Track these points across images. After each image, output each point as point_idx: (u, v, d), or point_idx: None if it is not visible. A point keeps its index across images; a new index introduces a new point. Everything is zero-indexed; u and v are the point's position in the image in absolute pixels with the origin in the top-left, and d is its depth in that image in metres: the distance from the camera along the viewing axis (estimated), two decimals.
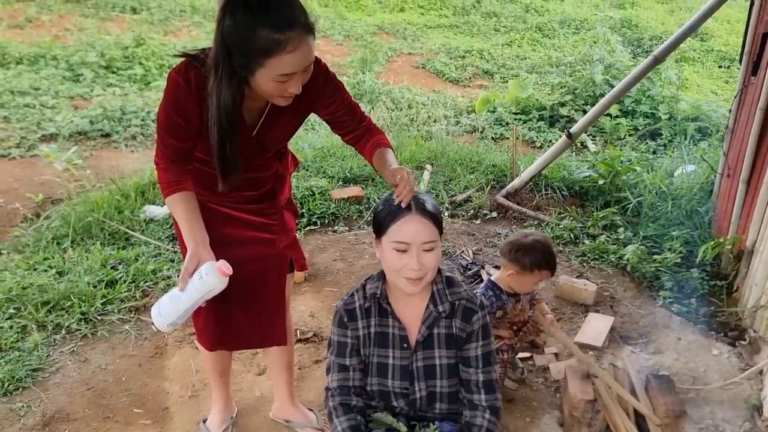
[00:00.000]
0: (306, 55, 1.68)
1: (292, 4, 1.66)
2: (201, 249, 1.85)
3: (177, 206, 1.88)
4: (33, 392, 2.76)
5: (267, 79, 1.68)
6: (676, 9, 13.05)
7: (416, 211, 1.66)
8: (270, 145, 2.03)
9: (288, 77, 1.69)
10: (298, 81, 1.72)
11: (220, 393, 2.51)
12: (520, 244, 2.45)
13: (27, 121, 5.83)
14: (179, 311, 1.80)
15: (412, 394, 1.79)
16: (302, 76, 1.73)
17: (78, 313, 3.20)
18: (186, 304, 1.79)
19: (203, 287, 1.77)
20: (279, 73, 1.67)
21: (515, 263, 2.45)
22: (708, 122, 6.31)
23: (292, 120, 2.02)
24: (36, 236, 3.92)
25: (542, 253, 2.43)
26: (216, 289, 1.78)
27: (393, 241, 1.66)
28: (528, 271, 2.44)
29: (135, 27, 9.16)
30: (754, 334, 3.01)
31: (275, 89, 1.72)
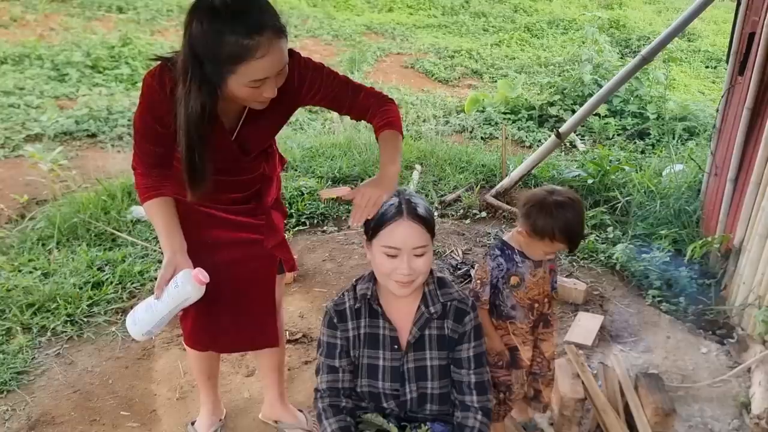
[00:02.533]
0: (277, 60, 1.64)
1: (260, 8, 1.61)
2: (178, 256, 1.81)
3: (154, 212, 1.85)
4: (18, 395, 2.72)
5: (239, 85, 1.65)
6: (663, 9, 13.14)
7: (408, 215, 1.63)
8: (253, 147, 1.99)
9: (261, 82, 1.65)
10: (271, 85, 1.68)
11: (208, 395, 2.49)
12: (539, 201, 1.98)
13: (11, 121, 5.76)
14: (154, 320, 1.76)
15: (402, 396, 1.78)
16: (276, 80, 1.69)
17: (64, 315, 3.16)
18: (161, 312, 1.75)
19: (178, 296, 1.73)
20: (251, 79, 1.63)
21: (526, 221, 2.01)
22: (695, 122, 6.35)
23: (274, 120, 1.99)
24: (21, 237, 3.87)
25: (563, 222, 1.94)
26: (191, 298, 1.74)
27: (383, 246, 1.64)
28: (538, 236, 1.99)
29: (121, 26, 9.08)
30: (742, 332, 3.02)
31: (249, 95, 1.68)
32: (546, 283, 2.18)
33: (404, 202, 1.65)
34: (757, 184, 3.10)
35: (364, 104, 1.95)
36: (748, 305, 3.03)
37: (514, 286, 2.11)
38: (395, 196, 1.67)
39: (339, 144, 5.47)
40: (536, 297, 2.15)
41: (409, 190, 1.76)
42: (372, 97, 1.96)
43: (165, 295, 1.75)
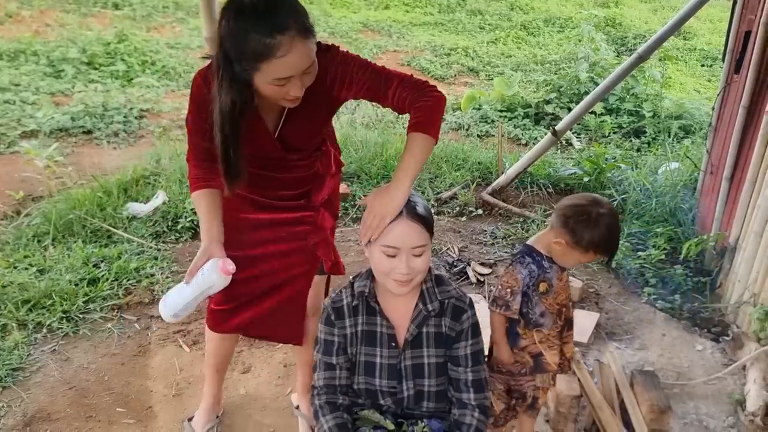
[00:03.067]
0: (300, 59, 1.65)
1: (287, 7, 1.63)
2: (213, 246, 1.89)
3: (199, 202, 1.94)
4: (13, 392, 2.71)
5: (264, 83, 1.68)
6: (659, 8, 13.16)
7: (407, 215, 1.63)
8: (296, 144, 2.00)
9: (285, 81, 1.67)
10: (297, 84, 1.69)
11: (211, 389, 2.50)
12: (585, 213, 1.93)
13: (7, 117, 5.72)
14: (182, 303, 1.85)
15: (399, 393, 1.78)
16: (303, 79, 1.70)
17: (59, 312, 3.15)
18: (188, 297, 1.84)
19: (204, 283, 1.82)
20: (274, 77, 1.65)
21: (570, 233, 1.94)
22: (691, 120, 6.37)
23: (315, 118, 1.98)
24: (16, 234, 3.85)
25: (608, 235, 1.93)
26: (216, 286, 1.83)
27: (382, 245, 1.63)
28: (581, 248, 1.94)
29: (117, 23, 9.04)
30: (737, 330, 3.03)
31: (275, 93, 1.71)
32: (569, 286, 2.15)
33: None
34: (752, 182, 3.11)
35: (400, 97, 1.83)
36: (743, 303, 3.04)
37: (543, 292, 2.04)
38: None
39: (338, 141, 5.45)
40: (563, 301, 2.09)
41: None
42: (407, 88, 1.82)
43: (194, 280, 1.84)
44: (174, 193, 4.22)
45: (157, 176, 4.54)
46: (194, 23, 9.59)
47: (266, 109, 1.89)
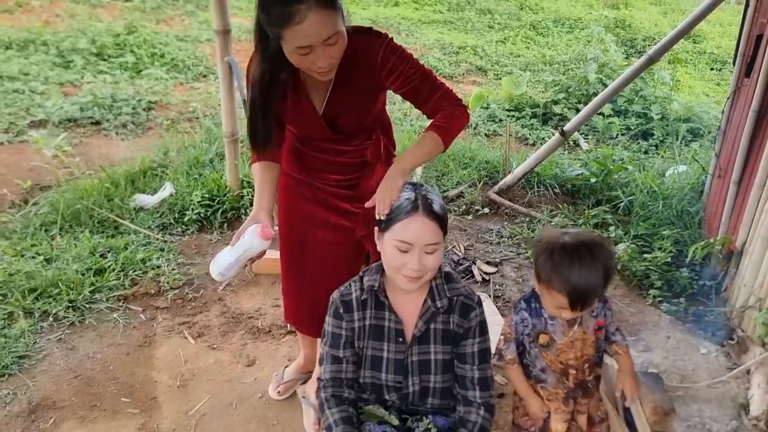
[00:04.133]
0: (319, 28, 1.69)
1: None
2: (261, 214, 1.96)
3: (256, 174, 2.04)
4: (19, 379, 2.73)
5: (289, 51, 1.75)
6: (669, 11, 13.10)
7: (423, 211, 1.63)
8: (343, 126, 2.05)
9: (308, 50, 1.72)
10: (320, 54, 1.74)
11: (302, 349, 2.71)
12: (548, 242, 1.73)
13: (16, 106, 5.74)
14: (225, 264, 1.94)
15: (405, 388, 1.79)
16: (327, 50, 1.74)
17: (65, 301, 3.17)
18: (230, 257, 1.93)
19: (244, 245, 1.91)
20: (295, 45, 1.71)
21: (534, 265, 1.79)
22: (700, 123, 6.34)
23: (360, 100, 2.02)
24: (24, 223, 3.87)
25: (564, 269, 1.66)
26: (254, 248, 1.91)
27: (396, 240, 1.64)
28: (543, 284, 1.75)
29: (127, 14, 9.04)
30: (742, 334, 3.03)
31: (302, 63, 1.78)
32: (587, 345, 1.85)
33: (420, 197, 1.65)
34: (761, 186, 3.10)
35: (438, 105, 1.95)
36: (748, 307, 3.03)
37: (543, 345, 1.85)
38: (412, 191, 1.67)
39: None
40: (571, 362, 1.85)
41: (426, 186, 1.75)
42: (447, 99, 1.95)
43: (238, 243, 1.92)
44: (181, 185, 4.23)
45: (164, 168, 4.55)
46: (204, 16, 9.59)
47: (312, 87, 1.97)
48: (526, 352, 1.91)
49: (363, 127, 2.10)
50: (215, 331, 3.11)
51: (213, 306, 3.30)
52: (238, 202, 4.11)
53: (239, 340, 3.05)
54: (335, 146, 2.10)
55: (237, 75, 3.78)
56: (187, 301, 3.32)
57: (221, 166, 4.38)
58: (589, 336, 1.86)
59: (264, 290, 3.45)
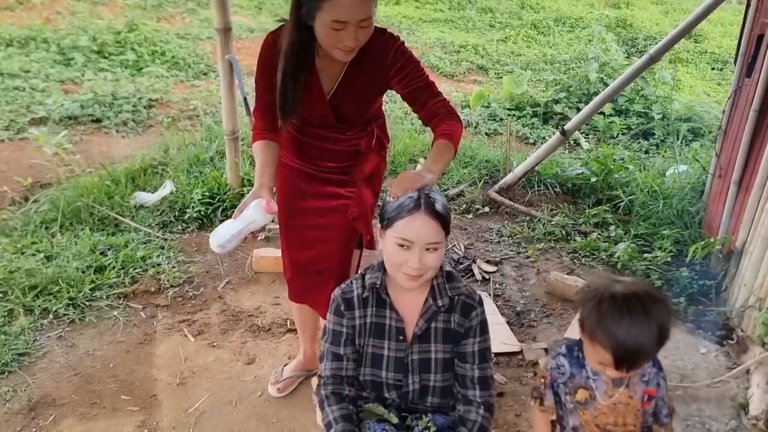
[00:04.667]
0: (360, 7, 1.78)
1: None
2: (262, 190, 2.00)
3: (258, 151, 2.10)
4: (19, 376, 2.73)
5: (323, 24, 1.81)
6: (670, 10, 13.09)
7: (425, 210, 1.63)
8: (346, 115, 2.14)
9: (341, 25, 1.79)
10: (351, 33, 1.81)
11: (301, 346, 2.75)
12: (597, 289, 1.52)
13: (16, 103, 5.74)
14: (227, 236, 1.98)
15: (404, 387, 1.79)
16: (358, 32, 1.83)
17: (66, 298, 3.17)
18: (233, 230, 1.97)
19: (247, 218, 1.95)
20: (332, 18, 1.78)
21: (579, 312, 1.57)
22: (700, 123, 6.34)
23: (367, 91, 2.12)
24: (24, 220, 3.87)
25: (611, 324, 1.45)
26: (257, 222, 1.95)
27: (397, 237, 1.64)
28: (587, 335, 1.54)
29: (128, 12, 9.04)
30: (742, 334, 3.03)
31: (330, 37, 1.84)
32: (631, 413, 1.62)
33: (423, 196, 1.65)
34: (761, 186, 3.10)
35: (434, 111, 2.05)
36: (748, 307, 3.03)
37: (580, 402, 1.63)
38: (415, 190, 1.67)
39: None
40: (609, 427, 1.63)
41: (430, 186, 1.75)
42: (444, 107, 2.06)
43: (240, 216, 1.96)
44: (181, 183, 4.23)
45: (165, 166, 4.55)
46: (205, 14, 9.59)
47: (325, 72, 2.05)
48: (559, 404, 1.71)
49: (363, 118, 2.21)
50: (215, 329, 3.11)
51: (213, 304, 3.30)
52: (238, 200, 4.11)
53: (239, 338, 3.05)
54: (333, 135, 2.19)
55: (238, 73, 3.78)
56: (187, 299, 3.32)
57: (222, 164, 4.38)
58: (635, 403, 1.64)
59: (264, 288, 3.46)
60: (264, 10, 10.49)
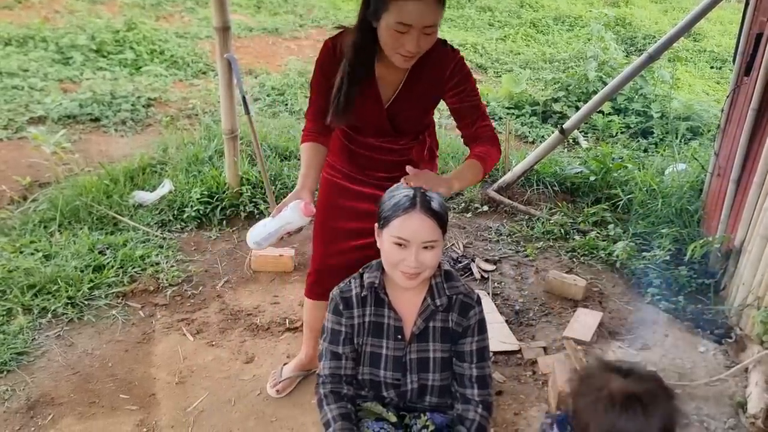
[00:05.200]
0: (427, 12, 1.77)
1: None
2: (303, 191, 2.01)
3: (305, 152, 2.12)
4: (18, 375, 2.73)
5: (387, 25, 1.81)
6: (669, 9, 13.08)
7: (421, 208, 1.63)
8: (401, 125, 2.16)
9: (406, 29, 1.79)
10: (414, 39, 1.81)
11: (304, 346, 2.75)
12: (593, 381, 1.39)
13: (15, 102, 5.73)
14: (264, 233, 1.99)
15: (403, 386, 1.79)
16: (421, 38, 1.82)
17: (64, 298, 3.17)
18: (270, 228, 1.98)
19: (285, 218, 1.96)
20: (398, 20, 1.78)
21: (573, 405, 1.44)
22: (699, 121, 6.33)
23: (423, 102, 2.15)
24: (23, 219, 3.87)
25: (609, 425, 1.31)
26: (294, 223, 1.96)
27: (393, 236, 1.64)
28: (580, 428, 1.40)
29: (126, 11, 9.02)
30: (741, 332, 3.03)
31: (392, 40, 1.84)
32: None
33: (419, 194, 1.65)
34: (759, 185, 3.10)
35: (478, 133, 2.09)
36: (747, 306, 3.04)
37: None
38: (411, 189, 1.67)
39: None
40: None
41: None
42: (488, 132, 2.09)
43: (278, 215, 1.97)
44: (180, 182, 4.23)
45: (163, 165, 4.55)
46: (203, 13, 9.57)
47: (384, 81, 2.06)
48: None
49: (416, 128, 2.23)
50: (214, 328, 3.11)
51: (212, 303, 3.30)
52: (237, 200, 4.11)
53: (238, 337, 3.05)
54: (384, 144, 2.20)
55: (236, 72, 3.78)
56: (186, 298, 3.32)
57: (220, 164, 4.38)
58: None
59: (263, 287, 3.45)
60: (263, 8, 10.47)
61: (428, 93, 2.11)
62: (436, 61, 2.02)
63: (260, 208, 4.10)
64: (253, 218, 4.09)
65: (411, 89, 2.07)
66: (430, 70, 2.02)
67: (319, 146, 2.13)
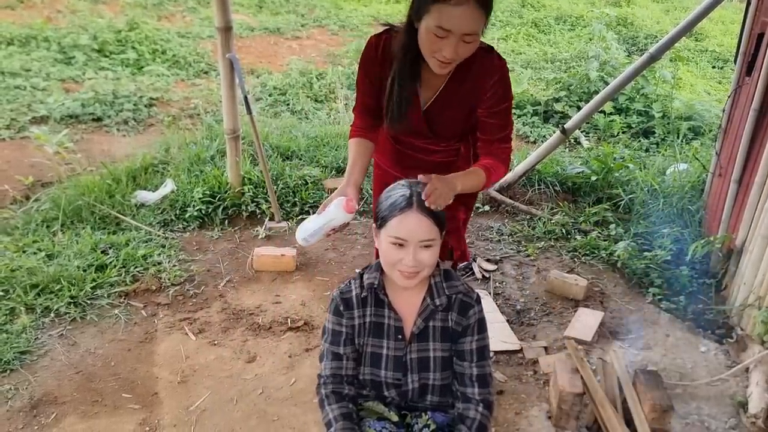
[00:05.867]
0: (468, 19, 1.75)
1: None
2: (348, 188, 2.03)
3: (352, 147, 2.16)
4: (21, 375, 2.74)
5: (427, 28, 1.79)
6: (671, 8, 13.07)
7: (417, 207, 1.63)
8: (438, 128, 2.17)
9: (445, 34, 1.77)
10: (452, 45, 1.79)
11: None
12: None
13: (17, 102, 5.76)
14: (310, 230, 2.01)
15: (404, 386, 1.80)
16: (459, 45, 1.80)
17: (67, 297, 3.18)
18: (315, 225, 2.00)
19: (328, 215, 1.98)
20: (437, 24, 1.76)
21: None
22: (701, 122, 6.33)
23: (461, 109, 2.12)
24: (25, 219, 3.88)
25: None
26: (337, 219, 1.98)
27: (390, 236, 1.64)
28: None
29: (128, 11, 9.04)
30: (742, 332, 3.04)
31: (430, 43, 1.82)
32: None
33: (415, 194, 1.65)
34: (761, 185, 3.11)
35: (494, 152, 2.10)
36: (748, 306, 3.04)
37: None
38: (407, 188, 1.68)
39: (344, 134, 5.46)
40: None
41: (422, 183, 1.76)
42: (504, 154, 2.11)
43: (323, 212, 1.99)
44: (182, 182, 4.24)
45: (165, 165, 4.56)
46: (205, 13, 9.59)
47: (426, 83, 2.06)
48: None
49: (456, 133, 2.22)
50: (216, 327, 3.12)
51: (214, 302, 3.31)
52: (239, 199, 4.12)
53: (240, 336, 3.06)
54: (428, 146, 2.23)
55: (238, 72, 3.79)
56: (188, 297, 3.33)
57: (222, 163, 4.39)
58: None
59: (265, 287, 3.46)
60: (265, 8, 10.48)
61: (467, 99, 2.08)
62: (480, 68, 2.00)
63: (262, 207, 4.11)
64: (254, 218, 4.10)
65: (450, 94, 2.06)
66: (472, 77, 2.01)
67: (366, 142, 2.16)
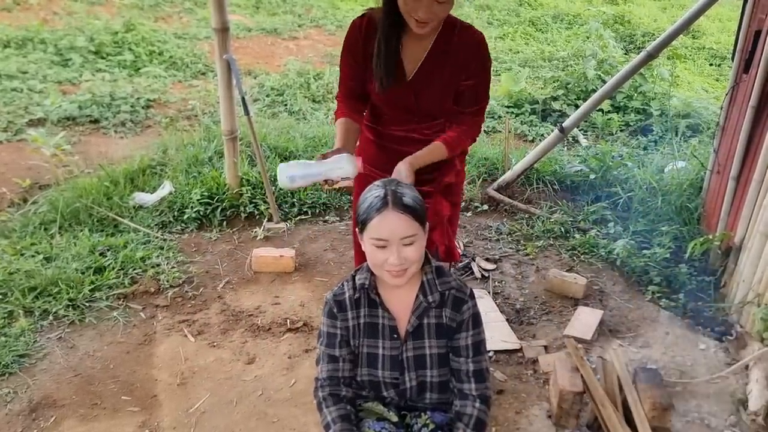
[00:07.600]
0: None
1: None
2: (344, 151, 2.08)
3: (339, 126, 2.21)
4: (19, 378, 2.74)
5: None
6: (668, 6, 13.08)
7: (393, 206, 1.63)
8: (424, 102, 2.22)
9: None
10: (426, 5, 1.91)
11: None
12: None
13: (14, 104, 5.74)
14: (305, 171, 2.02)
15: (402, 384, 1.79)
16: (433, 6, 1.92)
17: (65, 300, 3.18)
18: (313, 170, 2.02)
19: (335, 163, 2.01)
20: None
21: None
22: (699, 119, 6.32)
23: (445, 81, 2.18)
24: (23, 221, 3.87)
25: None
26: (342, 171, 2.01)
27: (372, 238, 1.64)
28: None
29: (125, 12, 9.03)
30: (741, 330, 3.03)
31: (406, 6, 1.94)
32: None
33: (390, 192, 1.64)
34: (759, 182, 3.10)
35: (462, 119, 2.21)
36: (747, 303, 3.04)
37: None
38: (382, 188, 1.67)
39: None
40: None
41: (396, 180, 1.77)
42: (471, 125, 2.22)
43: (325, 161, 2.02)
44: (180, 183, 4.23)
45: (163, 166, 4.56)
46: (202, 14, 9.58)
47: (408, 55, 2.15)
48: None
49: (444, 109, 2.25)
50: (215, 329, 3.11)
51: (213, 304, 3.30)
52: (237, 200, 4.12)
53: (239, 337, 3.06)
54: (412, 135, 2.28)
55: (235, 72, 3.78)
56: (187, 299, 3.33)
57: (220, 164, 4.38)
58: None
59: (263, 288, 3.46)
60: (261, 9, 10.47)
61: (452, 71, 2.15)
62: (464, 40, 2.12)
63: (260, 208, 4.10)
64: (253, 219, 4.09)
65: (434, 65, 2.13)
66: (455, 49, 2.11)
67: (350, 121, 2.21)
